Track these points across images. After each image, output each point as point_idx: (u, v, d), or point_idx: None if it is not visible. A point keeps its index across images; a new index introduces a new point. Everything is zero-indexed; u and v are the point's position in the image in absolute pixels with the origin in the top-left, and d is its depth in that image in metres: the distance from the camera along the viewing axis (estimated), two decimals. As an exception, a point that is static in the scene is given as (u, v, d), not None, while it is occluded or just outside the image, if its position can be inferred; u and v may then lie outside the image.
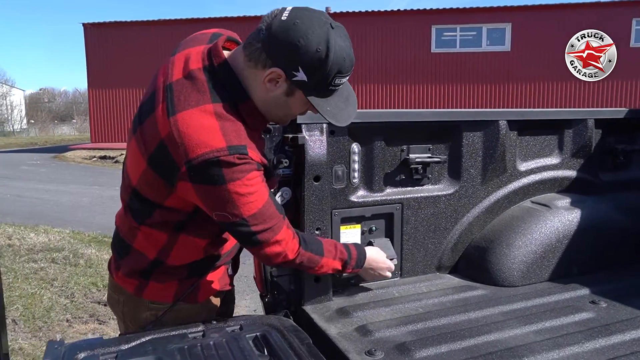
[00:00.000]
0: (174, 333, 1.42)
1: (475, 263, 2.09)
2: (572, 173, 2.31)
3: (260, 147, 1.42)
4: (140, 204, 1.42)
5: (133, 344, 1.36)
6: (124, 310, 1.60)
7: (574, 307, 1.78)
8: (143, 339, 1.39)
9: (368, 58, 16.62)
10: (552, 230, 2.07)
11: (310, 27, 1.20)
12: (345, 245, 1.63)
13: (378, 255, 1.77)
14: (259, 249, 1.39)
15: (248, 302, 3.97)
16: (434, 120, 2.02)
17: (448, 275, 2.13)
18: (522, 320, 1.66)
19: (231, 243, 1.60)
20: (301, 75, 1.24)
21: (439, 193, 2.06)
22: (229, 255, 1.64)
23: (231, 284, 1.75)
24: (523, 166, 2.22)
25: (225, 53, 1.34)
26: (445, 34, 16.88)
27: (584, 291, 1.92)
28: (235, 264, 1.73)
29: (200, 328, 1.44)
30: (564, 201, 2.19)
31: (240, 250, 1.69)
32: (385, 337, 1.55)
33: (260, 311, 1.98)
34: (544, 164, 2.26)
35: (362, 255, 1.67)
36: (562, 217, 2.11)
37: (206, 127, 1.24)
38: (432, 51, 16.88)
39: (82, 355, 1.29)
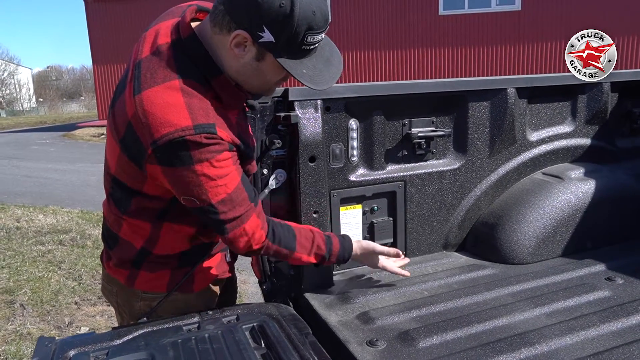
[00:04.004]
0: (168, 326, 1.37)
1: (484, 240, 2.00)
2: (586, 141, 2.18)
3: (242, 127, 1.32)
4: (120, 192, 1.36)
5: (125, 338, 1.32)
6: (118, 301, 1.56)
7: (589, 285, 1.69)
8: (136, 333, 1.35)
9: (372, 23, 16.18)
10: (564, 203, 1.97)
11: None
12: (327, 239, 1.49)
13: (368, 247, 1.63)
14: (225, 236, 1.32)
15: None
16: (436, 91, 1.90)
17: (455, 253, 2.05)
18: (532, 302, 1.57)
19: None
20: (267, 36, 1.12)
21: (444, 168, 1.96)
22: None
23: (231, 271, 1.69)
24: (533, 136, 2.10)
25: (196, 24, 1.24)
26: (453, -6, 16.34)
27: (599, 267, 1.83)
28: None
29: (196, 319, 1.39)
30: (578, 171, 2.07)
31: None
32: (388, 324, 1.48)
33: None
34: (556, 132, 2.14)
35: (345, 251, 1.54)
36: (576, 189, 2.00)
37: (171, 105, 1.15)
38: (439, 14, 16.39)
39: (73, 352, 1.26)
